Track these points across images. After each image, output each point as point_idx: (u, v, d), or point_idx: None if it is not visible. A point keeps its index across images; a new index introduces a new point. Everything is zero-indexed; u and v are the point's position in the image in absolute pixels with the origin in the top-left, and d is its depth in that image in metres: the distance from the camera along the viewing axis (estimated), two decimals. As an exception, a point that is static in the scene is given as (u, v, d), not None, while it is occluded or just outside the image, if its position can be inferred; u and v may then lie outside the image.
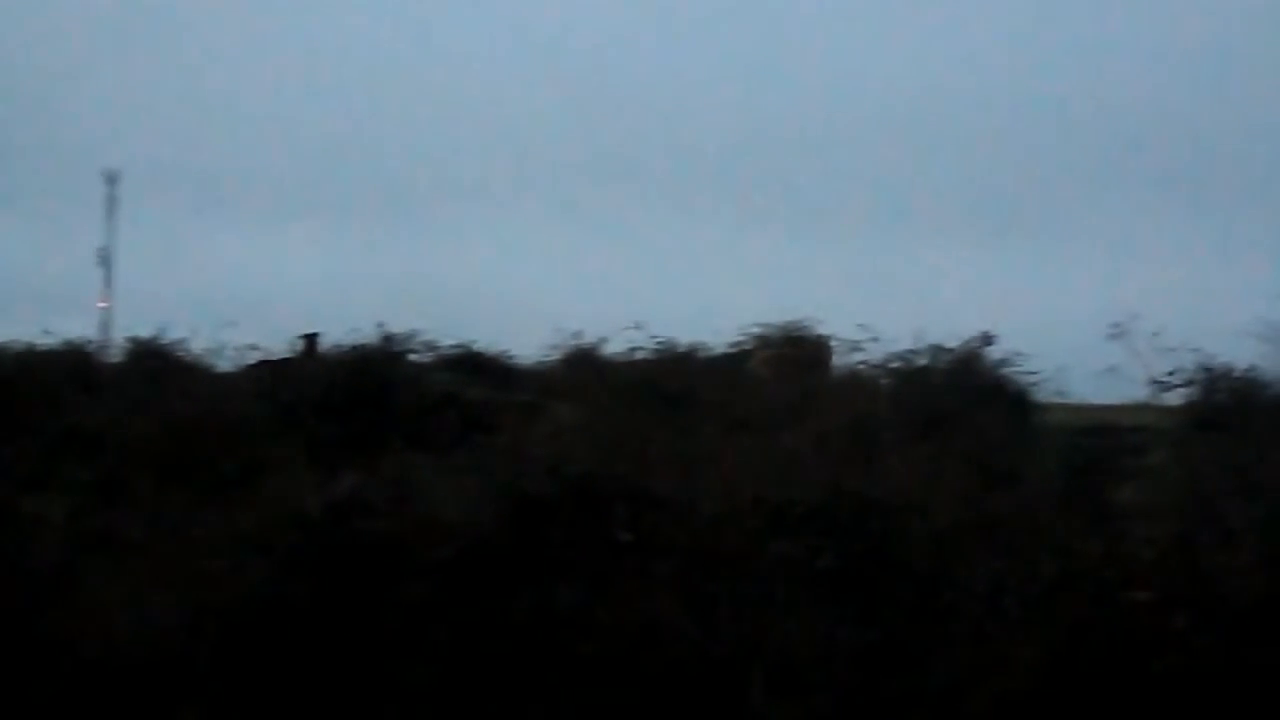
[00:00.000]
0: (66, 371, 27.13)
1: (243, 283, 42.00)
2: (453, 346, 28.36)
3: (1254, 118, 47.70)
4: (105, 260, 43.53)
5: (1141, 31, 49.19)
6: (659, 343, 27.79)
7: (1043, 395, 26.28)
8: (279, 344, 27.82)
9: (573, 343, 29.16)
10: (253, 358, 27.32)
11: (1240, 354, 24.09)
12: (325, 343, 27.89)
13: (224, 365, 27.23)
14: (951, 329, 27.09)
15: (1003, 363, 26.49)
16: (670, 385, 25.17)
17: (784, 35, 52.72)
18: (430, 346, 27.83)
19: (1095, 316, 23.97)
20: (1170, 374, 23.26)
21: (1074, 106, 49.53)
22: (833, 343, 27.90)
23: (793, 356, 28.44)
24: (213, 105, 50.93)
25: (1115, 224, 46.74)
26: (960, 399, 24.53)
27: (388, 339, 26.87)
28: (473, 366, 28.14)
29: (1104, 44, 49.55)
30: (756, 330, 29.17)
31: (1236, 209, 45.89)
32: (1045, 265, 44.52)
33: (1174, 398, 23.87)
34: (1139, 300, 24.96)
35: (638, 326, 27.71)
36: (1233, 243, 43.00)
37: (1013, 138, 49.75)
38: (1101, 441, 22.99)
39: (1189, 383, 23.65)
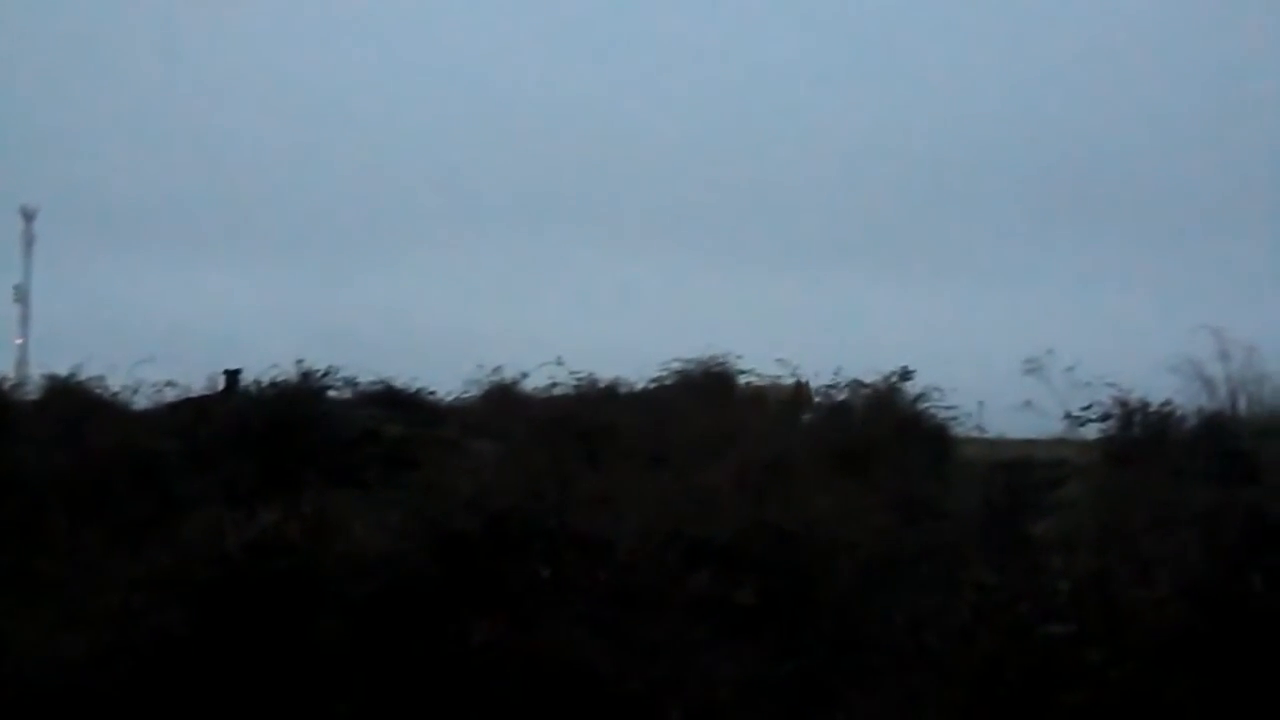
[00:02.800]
0: (-19, 409, 26.90)
1: (161, 319, 41.82)
2: (373, 383, 28.29)
3: (1171, 154, 48.25)
4: (21, 297, 43.33)
5: (1057, 68, 49.66)
6: (579, 378, 27.87)
7: (961, 430, 26.52)
8: (198, 381, 27.71)
9: (493, 378, 29.22)
10: (170, 395, 27.18)
11: (1156, 388, 24.41)
12: (245, 379, 27.77)
13: (142, 403, 27.08)
14: (870, 364, 27.34)
15: (921, 398, 26.72)
16: (590, 421, 25.23)
17: (704, 75, 52.97)
18: (350, 383, 27.74)
19: (1013, 351, 24.25)
20: (1086, 408, 23.53)
21: (990, 142, 49.92)
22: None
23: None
24: (130, 140, 50.68)
25: (1032, 259, 47.14)
26: (879, 434, 24.71)
27: (307, 375, 26.76)
28: (393, 403, 28.08)
29: (1020, 80, 49.97)
30: (677, 365, 29.32)
31: (1152, 244, 46.39)
32: (963, 300, 44.87)
33: (1090, 432, 24.15)
34: (1056, 335, 25.25)
35: (558, 362, 27.80)
36: (1148, 278, 43.47)
37: (930, 174, 50.12)
38: (1019, 476, 23.20)
39: (1105, 417, 23.93)
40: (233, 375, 27.90)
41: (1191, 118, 47.53)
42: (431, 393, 29.24)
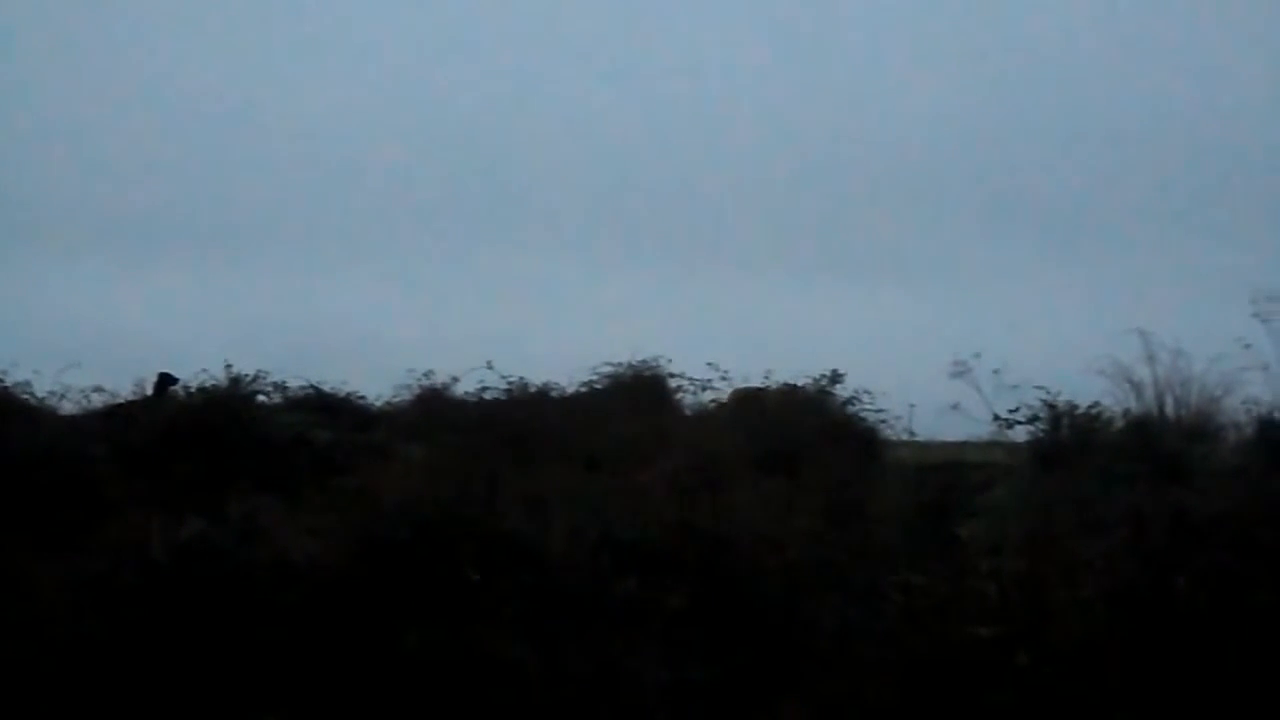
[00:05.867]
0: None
1: (88, 324, 41.46)
2: (302, 387, 28.18)
3: (1099, 155, 48.48)
4: (-53, 301, 42.87)
5: (983, 67, 49.85)
6: (509, 382, 27.82)
7: (891, 433, 26.58)
8: (126, 386, 27.52)
9: (423, 383, 29.13)
10: (98, 400, 26.99)
11: (1083, 391, 24.51)
12: (177, 383, 27.57)
13: (69, 408, 26.88)
14: (800, 367, 27.41)
15: (851, 401, 26.80)
16: (521, 424, 25.19)
17: (628, 77, 52.93)
18: (280, 388, 27.62)
19: (942, 354, 24.31)
20: (1014, 411, 23.62)
21: (917, 146, 50.05)
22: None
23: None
24: (54, 140, 50.24)
25: (960, 261, 47.25)
26: (809, 437, 24.76)
27: (236, 380, 26.64)
28: (323, 408, 27.96)
29: (947, 79, 50.13)
30: (608, 369, 29.30)
31: (1078, 247, 46.59)
32: (892, 303, 44.93)
33: (1019, 434, 24.22)
34: (984, 337, 25.33)
35: (489, 366, 27.75)
36: (1075, 280, 43.64)
37: (859, 175, 50.20)
38: (948, 478, 23.24)
39: (1033, 419, 24.03)
40: (164, 379, 27.70)
41: (1118, 120, 47.76)
42: (361, 397, 29.13)
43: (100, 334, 39.60)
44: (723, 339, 36.67)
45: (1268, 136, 46.03)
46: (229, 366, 26.77)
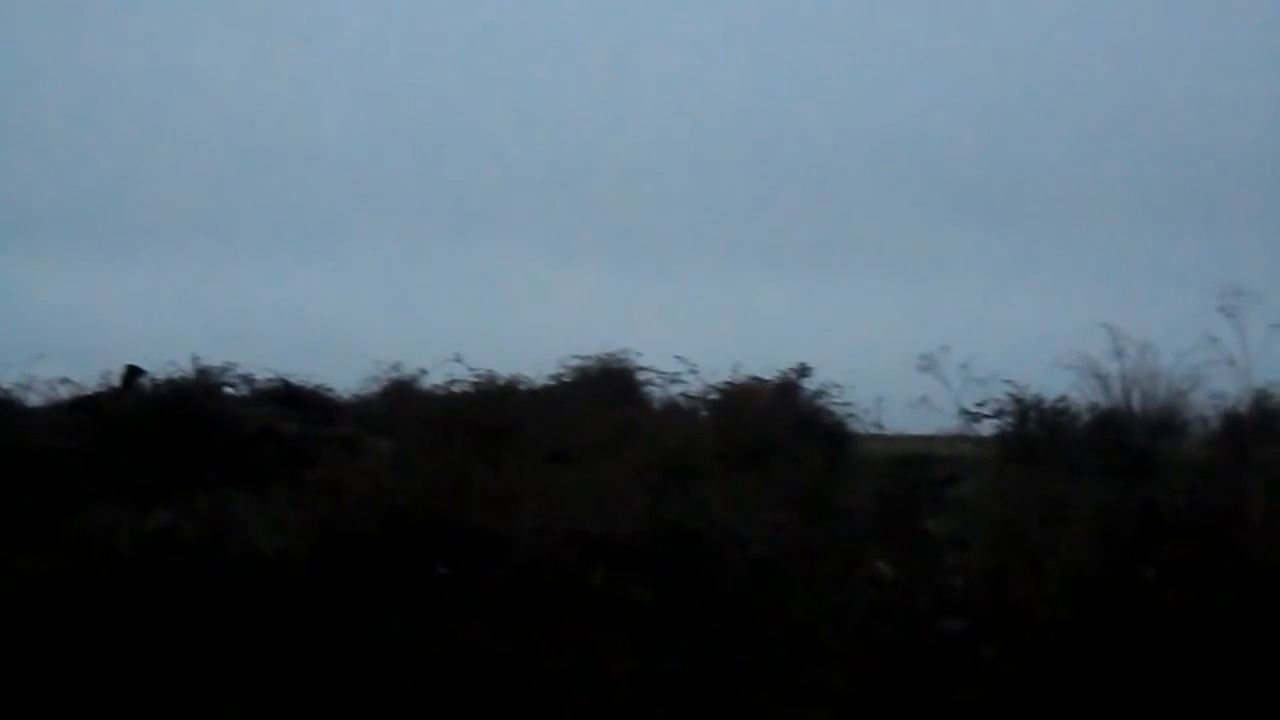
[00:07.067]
0: None
1: (55, 316, 41.32)
2: (270, 380, 28.07)
3: (1065, 150, 48.59)
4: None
5: (954, 64, 49.93)
6: (478, 375, 27.77)
7: (859, 426, 26.60)
8: (93, 378, 27.40)
9: (391, 375, 29.07)
10: (65, 392, 26.87)
11: (1051, 385, 24.57)
12: (145, 376, 27.47)
13: (35, 400, 26.75)
14: (768, 361, 27.41)
15: (819, 394, 26.82)
16: (489, 418, 25.15)
17: (599, 67, 52.89)
18: (247, 380, 27.53)
19: (910, 347, 24.33)
20: (981, 405, 23.68)
21: (885, 138, 50.12)
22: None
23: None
24: (21, 134, 50.05)
25: (929, 255, 47.32)
26: (778, 430, 24.77)
27: (203, 372, 26.54)
28: (290, 400, 27.86)
29: (915, 74, 50.21)
30: (577, 363, 29.28)
31: (1046, 241, 46.71)
32: (860, 296, 44.97)
33: (986, 428, 24.28)
34: (952, 331, 25.36)
35: (457, 359, 27.70)
36: (1043, 274, 43.74)
37: (827, 171, 50.25)
38: (916, 472, 23.27)
39: (1000, 413, 24.09)
40: (131, 371, 27.60)
41: (1087, 115, 47.90)
42: (329, 390, 29.04)
43: (68, 326, 39.48)
44: (691, 333, 36.64)
45: (1237, 134, 46.24)
46: (196, 359, 26.67)
